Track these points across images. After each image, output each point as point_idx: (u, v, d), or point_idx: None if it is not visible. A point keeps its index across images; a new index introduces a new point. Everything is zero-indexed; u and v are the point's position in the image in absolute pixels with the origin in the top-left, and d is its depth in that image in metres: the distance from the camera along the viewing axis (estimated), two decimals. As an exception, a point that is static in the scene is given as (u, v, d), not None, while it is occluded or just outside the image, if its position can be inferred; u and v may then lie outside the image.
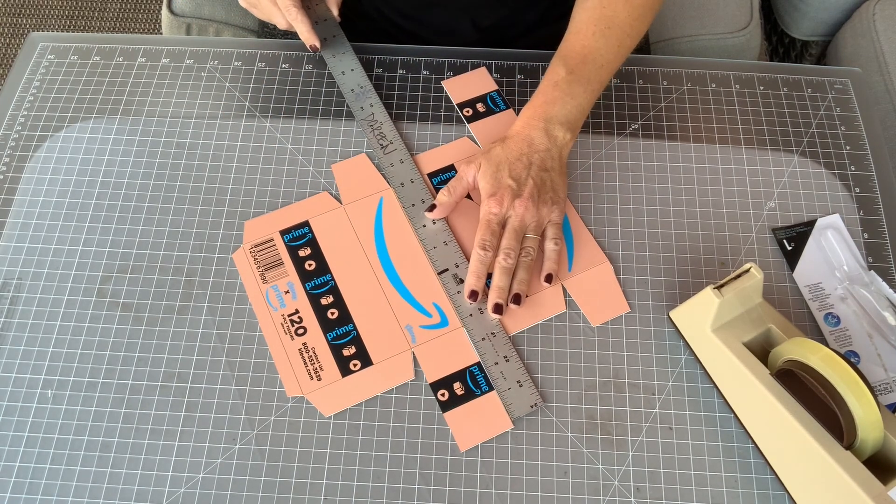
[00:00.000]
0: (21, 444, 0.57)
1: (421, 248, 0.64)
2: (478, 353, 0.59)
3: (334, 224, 0.65)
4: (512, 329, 0.61)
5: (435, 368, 0.59)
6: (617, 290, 0.63)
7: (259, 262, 0.63)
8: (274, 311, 0.61)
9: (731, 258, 0.64)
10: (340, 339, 0.60)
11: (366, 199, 0.66)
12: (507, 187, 0.61)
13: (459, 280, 0.62)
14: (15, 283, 0.63)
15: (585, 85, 0.64)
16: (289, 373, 0.59)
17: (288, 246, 0.64)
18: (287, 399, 0.58)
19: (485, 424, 0.57)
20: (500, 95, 0.72)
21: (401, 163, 0.67)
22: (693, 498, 0.55)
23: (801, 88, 0.73)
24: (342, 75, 0.71)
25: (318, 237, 0.65)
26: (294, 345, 0.60)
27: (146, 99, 0.71)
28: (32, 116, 0.70)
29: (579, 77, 0.64)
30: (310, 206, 0.66)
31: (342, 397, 0.58)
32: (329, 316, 0.61)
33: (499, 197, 0.61)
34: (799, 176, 0.68)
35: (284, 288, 0.62)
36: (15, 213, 0.66)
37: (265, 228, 0.65)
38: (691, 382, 0.59)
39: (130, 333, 0.61)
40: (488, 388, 0.59)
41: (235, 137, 0.69)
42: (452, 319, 0.61)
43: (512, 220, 0.62)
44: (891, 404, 0.58)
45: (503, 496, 0.55)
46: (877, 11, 1.01)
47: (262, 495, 0.55)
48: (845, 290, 0.62)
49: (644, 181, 0.68)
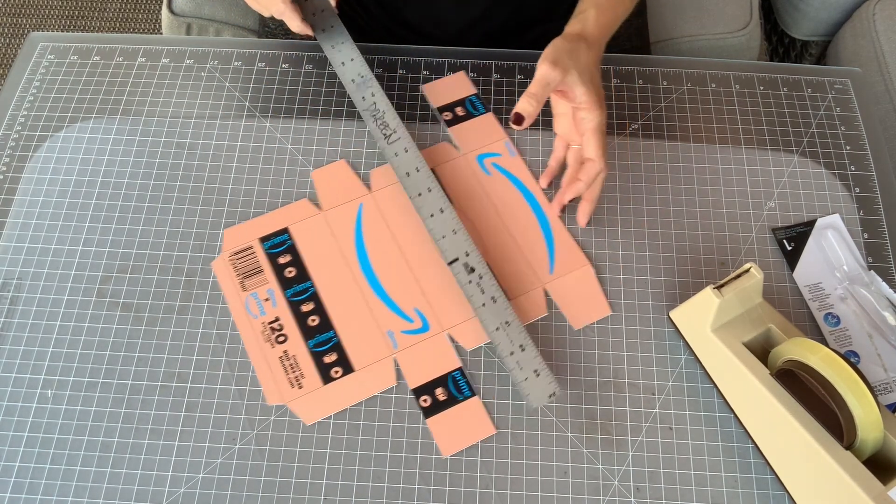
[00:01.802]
0: (21, 444, 0.57)
1: (402, 254, 0.63)
2: (493, 342, 0.59)
3: (314, 231, 0.65)
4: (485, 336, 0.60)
5: (417, 374, 0.59)
6: (598, 292, 0.62)
7: (238, 270, 0.63)
8: (254, 319, 0.61)
9: (731, 258, 0.64)
10: (321, 346, 0.60)
11: (345, 206, 0.66)
12: (602, 96, 0.62)
13: (470, 269, 0.61)
14: (15, 283, 0.63)
15: (616, 7, 0.66)
16: (269, 381, 0.59)
17: (267, 253, 0.64)
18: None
19: (468, 430, 0.57)
20: (479, 99, 0.71)
21: (405, 152, 0.66)
22: (693, 498, 0.55)
23: (801, 88, 0.73)
24: (342, 66, 0.70)
25: (298, 244, 0.64)
26: (275, 353, 0.60)
27: (146, 99, 0.71)
28: (32, 116, 0.70)
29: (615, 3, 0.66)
30: (289, 212, 0.66)
31: (323, 405, 0.58)
32: (310, 323, 0.61)
33: (601, 103, 0.61)
34: (799, 176, 0.68)
35: (264, 295, 0.62)
36: (15, 213, 0.66)
37: (244, 236, 0.64)
38: (691, 382, 0.59)
39: (130, 333, 0.61)
40: (470, 393, 0.58)
41: (235, 137, 0.69)
42: (434, 324, 0.61)
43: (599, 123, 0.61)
44: (891, 404, 0.58)
45: (503, 496, 0.55)
46: (877, 11, 1.01)
47: (262, 495, 0.55)
48: (845, 290, 0.62)
49: (644, 181, 0.68)
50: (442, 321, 0.61)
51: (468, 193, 0.66)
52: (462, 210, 0.66)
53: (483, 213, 0.66)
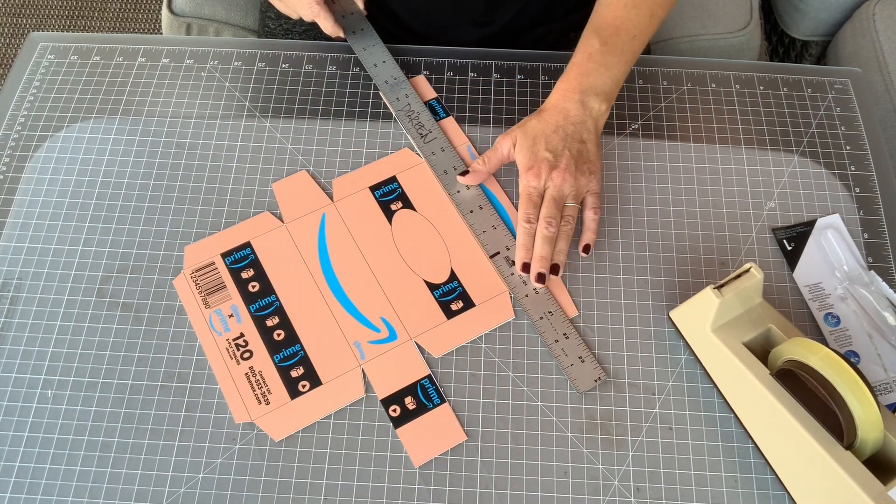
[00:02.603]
0: (21, 444, 0.57)
1: (366, 263, 0.63)
2: (537, 331, 0.60)
3: (277, 243, 0.64)
4: (463, 339, 0.60)
5: (385, 384, 0.59)
6: (565, 295, 0.62)
7: (201, 287, 0.62)
8: (218, 336, 0.60)
9: (731, 258, 0.64)
10: (288, 360, 0.59)
11: (308, 216, 0.65)
12: (543, 160, 0.62)
13: (511, 262, 0.62)
14: (15, 283, 0.63)
15: (619, 55, 0.65)
16: (236, 399, 0.58)
17: (230, 269, 0.63)
18: (287, 399, 0.58)
19: (438, 438, 0.57)
20: (440, 103, 0.71)
21: (442, 151, 0.67)
22: (693, 498, 0.55)
23: (801, 88, 0.73)
24: (374, 67, 0.71)
25: (261, 258, 0.63)
26: (240, 369, 0.59)
27: (146, 99, 0.71)
28: (32, 116, 0.70)
29: (612, 48, 0.65)
30: (251, 226, 0.65)
31: (292, 420, 0.57)
32: (275, 337, 0.60)
33: (536, 170, 0.62)
34: (799, 176, 0.68)
35: (228, 312, 0.61)
36: (15, 213, 0.66)
37: (205, 252, 0.64)
38: (691, 382, 0.59)
39: (130, 333, 0.61)
40: (440, 400, 0.58)
41: (235, 137, 0.69)
42: (401, 333, 0.61)
43: (550, 190, 0.62)
44: (891, 404, 0.58)
45: (503, 496, 0.55)
46: (877, 11, 1.01)
47: (262, 495, 0.55)
48: (845, 290, 0.62)
49: (644, 181, 0.68)
50: (409, 329, 0.61)
51: (433, 198, 0.66)
52: (427, 215, 0.66)
53: (450, 217, 0.65)
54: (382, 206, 0.66)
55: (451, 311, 0.62)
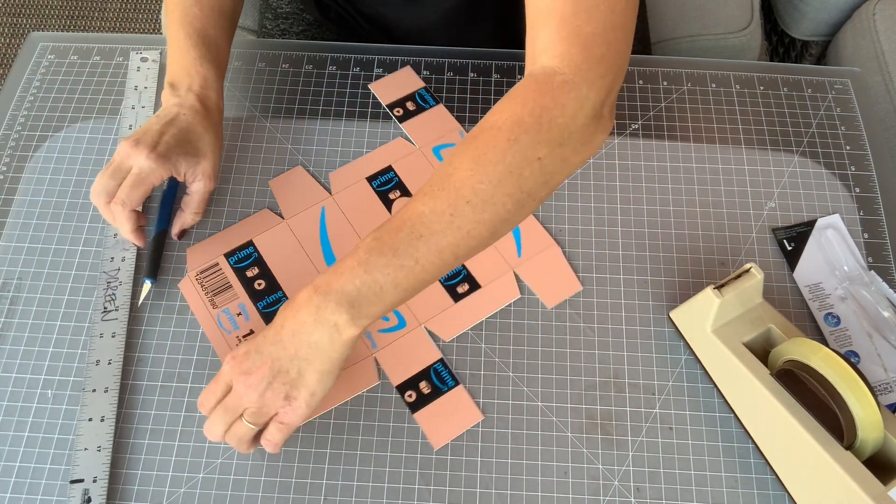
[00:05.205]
0: (21, 445, 0.56)
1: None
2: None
3: (279, 240, 0.64)
4: (471, 321, 0.61)
5: (399, 371, 0.59)
6: (568, 270, 0.63)
7: (207, 288, 0.62)
8: (228, 335, 0.60)
9: (731, 258, 0.64)
10: None
11: (307, 211, 0.66)
12: (239, 355, 0.51)
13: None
14: (15, 283, 0.63)
15: (390, 257, 0.49)
16: None
17: (234, 268, 0.63)
18: (287, 399, 0.58)
19: (455, 419, 0.57)
20: (429, 92, 0.72)
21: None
22: (693, 498, 0.55)
23: (801, 88, 0.73)
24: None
25: (264, 255, 0.64)
26: None
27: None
28: (32, 116, 0.70)
29: (384, 246, 0.49)
30: (251, 225, 0.65)
31: None
32: None
33: (228, 359, 0.52)
34: (799, 176, 0.68)
35: (236, 310, 0.61)
36: (15, 213, 0.66)
37: (208, 253, 0.64)
38: (691, 382, 0.59)
39: (130, 333, 0.61)
40: (454, 382, 0.59)
41: (235, 137, 0.69)
42: (410, 320, 0.61)
43: (229, 396, 0.52)
44: (891, 404, 0.58)
45: (503, 496, 0.55)
46: (877, 11, 1.01)
47: (262, 495, 0.55)
48: (845, 290, 0.62)
49: (644, 181, 0.68)
50: (418, 315, 0.61)
51: None
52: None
53: None
54: (381, 195, 0.66)
55: (457, 295, 0.62)
